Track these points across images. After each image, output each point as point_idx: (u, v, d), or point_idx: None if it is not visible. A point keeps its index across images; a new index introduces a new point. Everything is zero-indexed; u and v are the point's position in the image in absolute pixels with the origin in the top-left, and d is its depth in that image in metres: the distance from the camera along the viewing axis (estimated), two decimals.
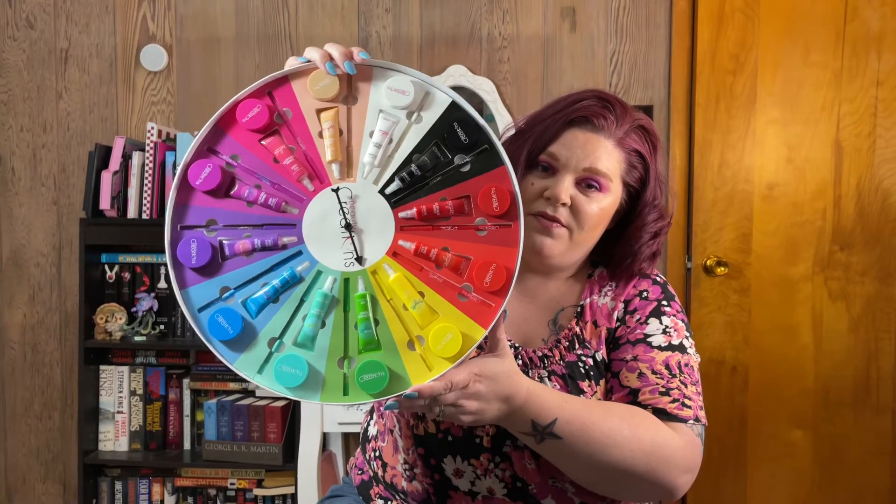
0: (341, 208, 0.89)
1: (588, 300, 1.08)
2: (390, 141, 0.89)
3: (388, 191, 0.89)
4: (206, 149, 0.90)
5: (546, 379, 1.02)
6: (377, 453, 1.13)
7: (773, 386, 2.53)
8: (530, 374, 1.03)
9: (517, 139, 1.07)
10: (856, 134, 2.48)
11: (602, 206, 1.03)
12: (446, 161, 0.89)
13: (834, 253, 2.50)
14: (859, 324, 2.51)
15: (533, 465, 1.01)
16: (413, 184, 0.89)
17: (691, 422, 0.99)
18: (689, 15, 2.51)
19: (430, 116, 0.89)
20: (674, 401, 0.98)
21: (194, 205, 0.90)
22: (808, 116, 2.49)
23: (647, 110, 2.55)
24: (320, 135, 0.90)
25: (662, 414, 0.98)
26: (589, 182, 1.02)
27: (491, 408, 0.88)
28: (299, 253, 0.90)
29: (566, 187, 1.01)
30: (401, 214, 0.89)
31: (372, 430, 1.16)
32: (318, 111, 0.90)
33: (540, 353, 1.05)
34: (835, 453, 2.53)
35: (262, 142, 0.90)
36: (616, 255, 1.08)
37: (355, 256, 0.89)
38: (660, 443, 0.94)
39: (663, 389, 0.99)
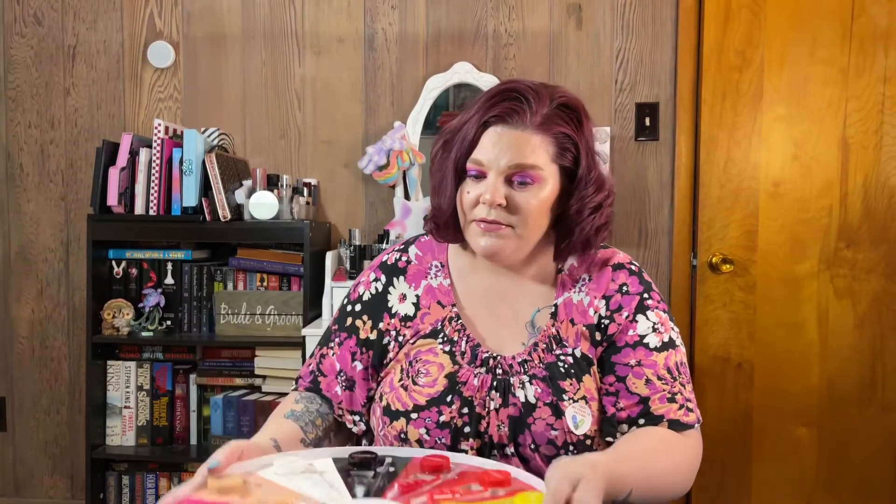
0: None
1: (561, 299, 1.08)
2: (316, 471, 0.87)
3: (360, 495, 0.83)
4: None
5: (528, 384, 1.03)
6: None
7: (779, 383, 2.53)
8: (511, 381, 1.03)
9: (444, 151, 1.07)
10: (862, 131, 2.47)
11: (540, 197, 1.02)
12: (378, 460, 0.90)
13: (840, 250, 2.50)
14: (865, 321, 2.50)
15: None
16: (374, 477, 0.87)
17: (696, 425, 1.04)
18: (695, 11, 2.51)
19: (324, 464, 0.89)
20: (680, 406, 1.03)
21: None
22: (815, 113, 2.48)
23: (653, 107, 2.55)
24: None
25: (677, 425, 1.02)
26: (519, 178, 1.01)
27: None
28: None
29: (496, 189, 1.00)
30: (389, 494, 0.83)
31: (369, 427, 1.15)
32: None
33: (519, 360, 1.05)
34: (840, 450, 2.53)
35: None
36: (560, 232, 1.07)
37: None
38: (692, 463, 1.02)
39: (670, 395, 1.03)
